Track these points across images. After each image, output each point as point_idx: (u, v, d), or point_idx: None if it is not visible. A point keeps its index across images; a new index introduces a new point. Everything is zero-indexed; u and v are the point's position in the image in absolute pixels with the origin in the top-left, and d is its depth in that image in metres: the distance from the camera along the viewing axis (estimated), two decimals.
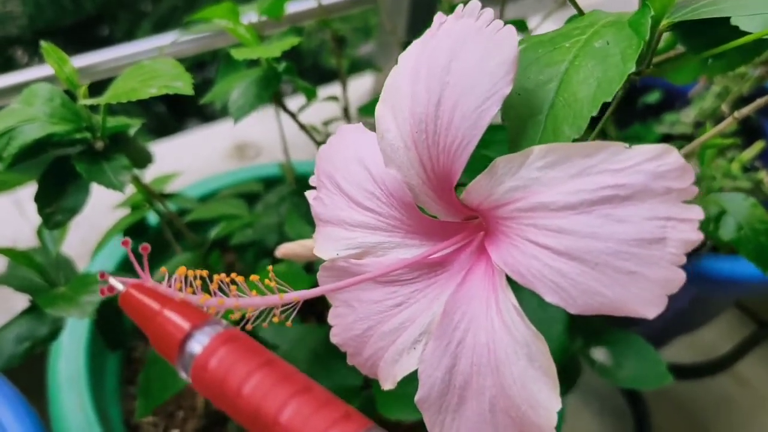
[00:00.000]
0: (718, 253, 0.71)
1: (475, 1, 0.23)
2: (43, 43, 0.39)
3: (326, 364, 0.49)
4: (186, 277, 0.25)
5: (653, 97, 0.91)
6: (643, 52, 0.23)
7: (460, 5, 0.23)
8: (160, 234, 0.58)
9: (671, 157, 0.18)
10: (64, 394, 0.58)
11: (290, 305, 0.26)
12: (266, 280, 0.26)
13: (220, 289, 0.25)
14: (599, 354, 0.57)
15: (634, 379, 0.55)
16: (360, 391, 0.49)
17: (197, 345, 0.21)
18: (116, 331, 0.54)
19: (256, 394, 0.19)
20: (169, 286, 0.25)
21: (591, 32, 0.25)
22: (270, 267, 0.26)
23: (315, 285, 0.28)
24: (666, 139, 0.83)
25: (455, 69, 0.22)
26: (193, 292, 0.25)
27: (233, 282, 0.25)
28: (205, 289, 0.25)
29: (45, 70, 0.54)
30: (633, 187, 0.19)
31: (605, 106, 0.23)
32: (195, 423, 0.64)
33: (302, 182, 0.62)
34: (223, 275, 0.25)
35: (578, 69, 0.23)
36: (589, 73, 0.23)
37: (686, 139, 0.81)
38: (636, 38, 0.23)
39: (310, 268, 0.55)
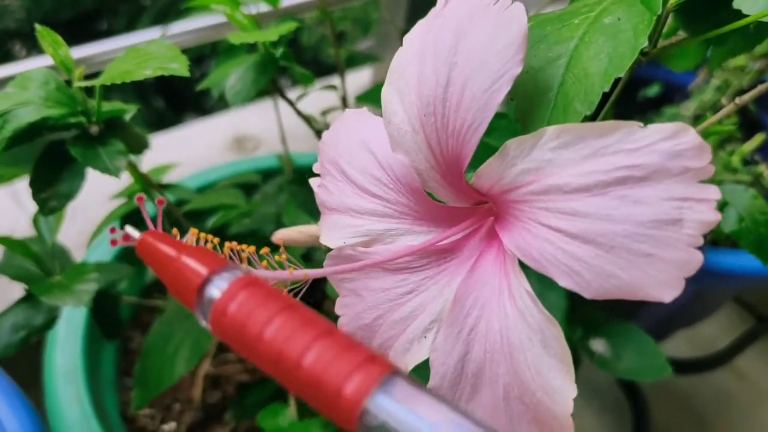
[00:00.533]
0: (718, 247, 0.70)
1: None
2: (38, 27, 0.38)
3: None
4: (198, 240, 0.25)
5: (653, 90, 0.90)
6: (654, 29, 0.23)
7: None
8: (157, 224, 0.58)
9: (688, 135, 0.18)
10: (60, 386, 0.57)
11: (298, 284, 0.25)
12: (276, 256, 0.25)
13: (230, 258, 0.25)
14: (598, 345, 0.57)
15: (633, 370, 0.55)
16: None
17: (216, 290, 0.20)
18: (112, 321, 0.53)
19: (277, 338, 0.18)
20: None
21: (600, 9, 0.24)
22: (280, 241, 0.26)
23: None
24: None
25: (463, 49, 0.22)
26: None
27: (243, 252, 0.25)
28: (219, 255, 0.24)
29: (41, 61, 0.53)
30: (649, 167, 0.18)
31: (613, 88, 0.23)
32: (192, 415, 0.64)
33: (300, 173, 0.61)
34: (234, 243, 0.25)
35: (588, 45, 0.23)
36: (599, 49, 0.22)
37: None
38: (648, 14, 0.23)
39: (307, 257, 0.55)
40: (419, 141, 0.24)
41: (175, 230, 0.25)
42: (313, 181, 0.29)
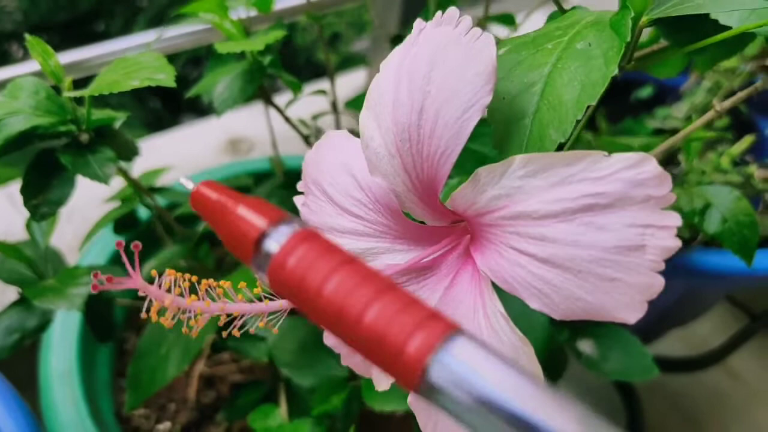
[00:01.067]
0: (708, 247, 0.71)
1: (453, 8, 0.22)
2: (28, 37, 0.39)
3: (313, 354, 0.49)
4: (175, 280, 0.25)
5: (645, 91, 0.91)
6: (624, 54, 0.23)
7: (439, 12, 0.23)
8: (151, 227, 0.58)
9: (649, 165, 0.18)
10: (55, 387, 0.58)
11: (277, 312, 0.26)
12: (255, 290, 0.25)
13: (208, 293, 0.25)
14: (585, 346, 0.57)
15: (621, 371, 0.55)
16: (346, 383, 0.49)
17: (274, 243, 0.20)
18: (105, 323, 0.54)
19: (338, 294, 0.18)
20: (159, 287, 0.25)
21: (573, 33, 0.25)
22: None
23: None
24: (658, 133, 0.83)
25: (435, 78, 0.22)
26: (181, 294, 0.25)
27: (219, 287, 0.25)
28: (193, 291, 0.25)
29: (32, 65, 0.54)
30: (613, 195, 0.19)
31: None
32: (186, 415, 0.65)
33: (291, 176, 0.62)
34: (211, 280, 0.25)
35: (561, 72, 0.23)
36: (572, 76, 0.23)
37: (677, 133, 0.81)
38: (617, 40, 0.23)
39: None
40: (396, 165, 0.24)
41: (153, 272, 0.26)
42: (297, 199, 0.29)
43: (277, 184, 0.58)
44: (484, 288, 0.23)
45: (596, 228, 0.19)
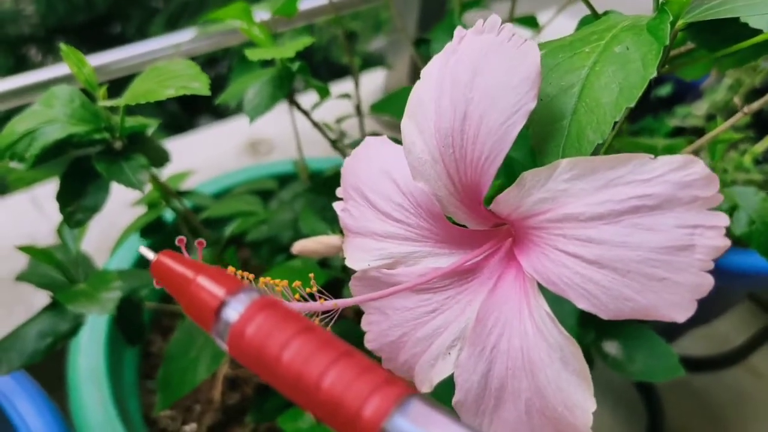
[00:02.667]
0: (732, 246, 0.70)
1: (495, 16, 0.23)
2: (63, 46, 0.40)
3: None
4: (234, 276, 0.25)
5: (665, 90, 0.90)
6: (663, 58, 0.23)
7: (480, 20, 0.23)
8: (177, 231, 0.59)
9: (697, 166, 0.19)
10: (84, 389, 0.59)
11: (330, 311, 0.26)
12: (307, 289, 0.26)
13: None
14: (611, 347, 0.57)
15: (646, 372, 0.55)
16: None
17: (233, 312, 0.21)
18: (135, 327, 0.54)
19: (296, 361, 0.19)
20: None
21: (609, 37, 0.25)
22: (311, 275, 0.27)
23: (331, 280, 0.28)
24: (678, 131, 0.83)
25: (479, 85, 0.22)
26: None
27: (276, 286, 0.25)
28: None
29: (61, 69, 0.55)
30: (660, 196, 0.19)
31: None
32: (212, 417, 0.65)
33: (317, 180, 0.62)
34: (268, 278, 0.25)
35: (599, 74, 0.24)
36: (610, 79, 0.23)
37: (698, 131, 0.81)
38: (656, 44, 0.23)
39: (324, 263, 0.56)
40: (439, 170, 0.25)
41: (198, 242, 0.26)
42: (336, 205, 0.30)
43: (303, 188, 0.59)
44: (529, 289, 0.23)
45: (644, 229, 0.19)
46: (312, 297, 0.26)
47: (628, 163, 0.19)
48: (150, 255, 0.25)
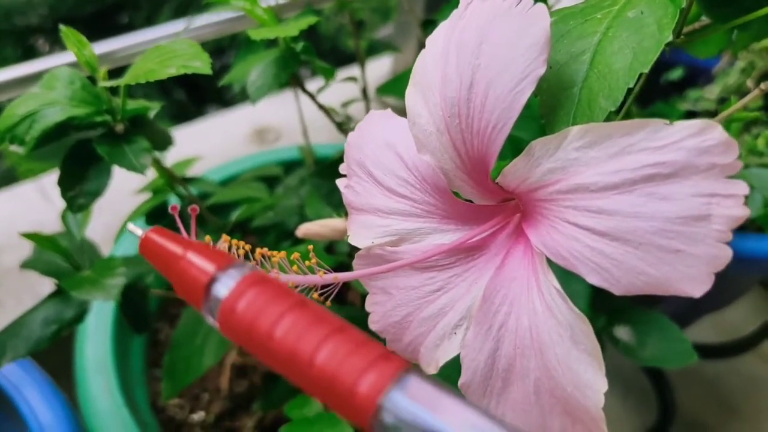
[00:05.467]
0: (744, 231, 0.69)
1: None
2: (63, 27, 0.39)
3: None
4: (230, 247, 0.25)
5: (676, 73, 0.89)
6: (678, 21, 0.22)
7: None
8: (182, 217, 0.58)
9: (715, 131, 0.18)
10: (91, 378, 0.59)
11: (329, 286, 0.25)
12: (306, 262, 0.25)
13: (261, 263, 0.25)
14: (622, 333, 0.57)
15: (658, 357, 0.55)
16: None
17: (224, 288, 0.20)
18: (141, 314, 0.54)
19: (288, 337, 0.18)
20: None
21: (623, 2, 0.24)
22: (311, 247, 0.26)
23: (337, 266, 0.27)
24: (689, 115, 0.81)
25: (486, 51, 0.22)
26: None
27: (273, 257, 0.25)
28: (247, 260, 0.25)
29: (65, 57, 0.54)
30: (676, 164, 0.18)
31: (637, 81, 0.23)
32: (220, 405, 0.65)
33: (322, 165, 0.62)
34: (265, 249, 0.25)
35: (612, 40, 0.23)
36: (623, 44, 0.22)
37: (710, 115, 0.80)
38: (672, 6, 0.23)
39: (330, 249, 0.55)
40: (444, 142, 0.24)
41: (207, 237, 0.25)
42: (339, 182, 0.29)
43: (309, 173, 0.58)
44: (538, 265, 0.22)
45: (658, 198, 0.18)
46: (312, 270, 0.25)
47: (643, 129, 0.19)
48: (138, 232, 0.24)
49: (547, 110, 0.23)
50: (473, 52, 0.22)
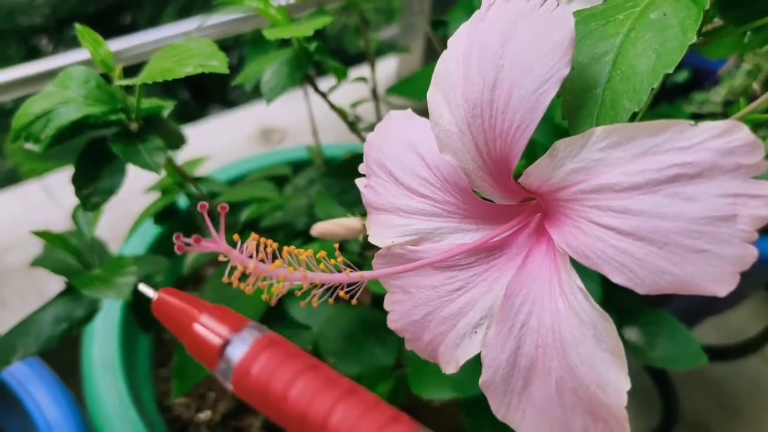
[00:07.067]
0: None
1: None
2: (78, 26, 0.39)
3: (358, 343, 0.49)
4: (258, 244, 0.25)
5: (681, 76, 0.89)
6: (702, 23, 0.23)
7: None
8: (190, 217, 0.59)
9: (741, 132, 0.18)
10: (98, 377, 0.59)
11: (354, 285, 0.25)
12: (332, 260, 0.25)
13: (289, 262, 0.25)
14: (631, 333, 0.57)
15: (668, 359, 0.55)
16: (392, 371, 0.49)
17: (237, 351, 0.21)
18: (150, 313, 0.54)
19: (302, 399, 0.19)
20: (241, 252, 0.24)
21: (645, 3, 0.24)
22: (336, 245, 0.26)
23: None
24: (695, 118, 0.81)
25: (509, 52, 0.22)
26: (263, 261, 0.24)
27: (300, 255, 0.25)
28: (275, 259, 0.25)
29: (77, 55, 0.54)
30: (701, 164, 0.18)
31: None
32: (226, 404, 0.65)
33: (332, 165, 0.62)
34: (293, 248, 0.25)
35: (635, 41, 0.23)
36: (647, 45, 0.23)
37: (715, 118, 0.80)
38: (695, 8, 0.23)
39: (343, 247, 0.55)
40: (466, 142, 0.24)
41: (236, 236, 0.25)
42: (359, 182, 0.29)
43: (319, 173, 0.58)
44: (560, 265, 0.22)
45: (683, 199, 0.18)
46: (337, 269, 0.25)
47: (668, 129, 0.19)
48: (150, 293, 0.25)
49: (570, 111, 0.23)
50: (496, 52, 0.22)
